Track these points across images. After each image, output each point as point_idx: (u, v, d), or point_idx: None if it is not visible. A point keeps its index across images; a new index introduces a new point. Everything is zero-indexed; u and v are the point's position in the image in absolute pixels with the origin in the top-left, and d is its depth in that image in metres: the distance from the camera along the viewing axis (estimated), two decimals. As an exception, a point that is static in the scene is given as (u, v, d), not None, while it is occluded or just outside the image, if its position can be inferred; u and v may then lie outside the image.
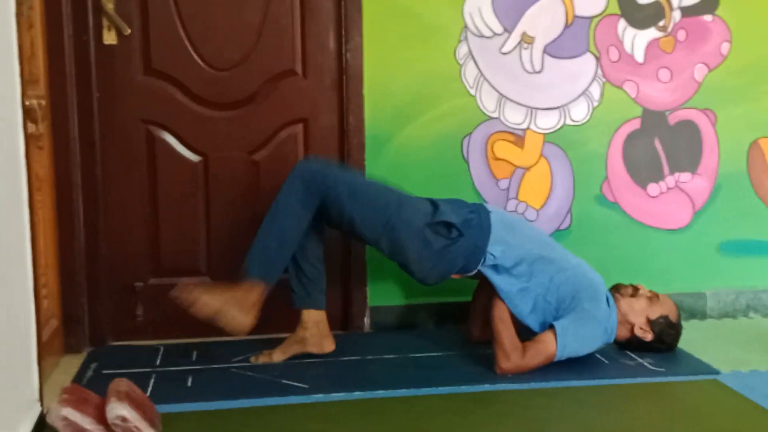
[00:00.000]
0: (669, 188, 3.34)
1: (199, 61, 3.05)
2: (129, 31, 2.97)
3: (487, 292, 2.87)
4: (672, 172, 3.34)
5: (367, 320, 3.20)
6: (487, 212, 2.82)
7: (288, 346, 2.82)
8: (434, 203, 2.82)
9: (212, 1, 3.03)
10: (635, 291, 2.87)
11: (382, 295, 3.21)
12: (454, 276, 2.80)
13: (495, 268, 2.75)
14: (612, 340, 2.85)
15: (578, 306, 2.73)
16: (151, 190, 3.08)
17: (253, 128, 3.11)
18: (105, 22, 2.97)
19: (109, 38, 2.98)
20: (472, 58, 3.17)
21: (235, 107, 3.09)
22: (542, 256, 2.78)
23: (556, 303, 2.75)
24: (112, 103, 3.01)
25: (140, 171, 3.06)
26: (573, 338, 2.70)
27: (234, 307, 2.65)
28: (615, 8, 3.22)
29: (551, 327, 2.72)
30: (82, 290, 3.00)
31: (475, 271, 2.78)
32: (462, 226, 2.74)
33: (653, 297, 2.86)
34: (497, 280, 2.75)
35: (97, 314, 3.04)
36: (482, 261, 2.74)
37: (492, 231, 2.76)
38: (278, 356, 2.81)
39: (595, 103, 3.26)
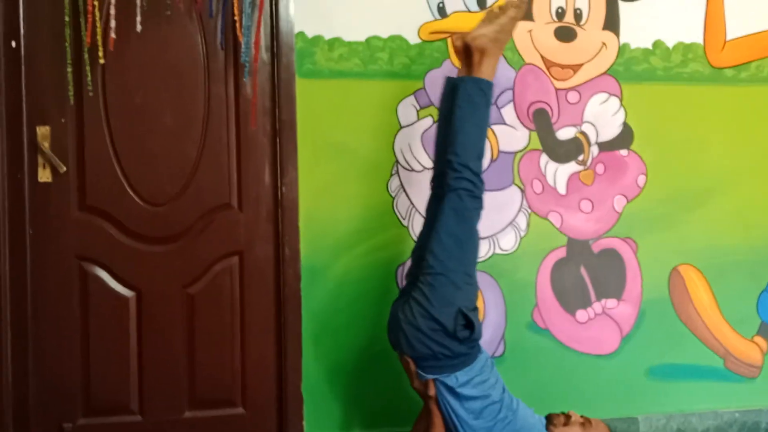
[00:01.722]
0: (597, 314, 3.44)
1: (134, 196, 3.07)
2: (65, 169, 3.00)
3: (425, 424, 2.87)
4: (599, 299, 3.44)
5: (304, 455, 3.15)
6: (480, 347, 2.85)
7: None
8: (476, 308, 2.82)
9: (149, 138, 3.08)
10: (567, 419, 2.89)
11: (320, 428, 3.16)
12: (409, 363, 2.77)
13: (450, 391, 2.75)
14: None
15: None
16: (82, 327, 3.03)
17: (188, 261, 3.11)
18: (40, 160, 3.00)
19: (44, 176, 3.00)
20: (404, 190, 3.28)
21: (170, 241, 3.11)
22: (494, 400, 2.79)
23: None
24: (45, 239, 3.00)
25: (72, 307, 3.02)
26: None
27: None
28: (537, 144, 3.39)
29: None
30: (9, 431, 2.88)
31: (427, 377, 2.75)
32: (470, 338, 2.75)
33: (585, 422, 2.89)
34: (455, 403, 2.75)
35: (21, 458, 2.92)
36: (446, 374, 2.74)
37: (474, 363, 2.79)
38: None
39: (523, 233, 3.38)
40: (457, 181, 2.79)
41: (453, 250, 2.76)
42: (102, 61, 2.97)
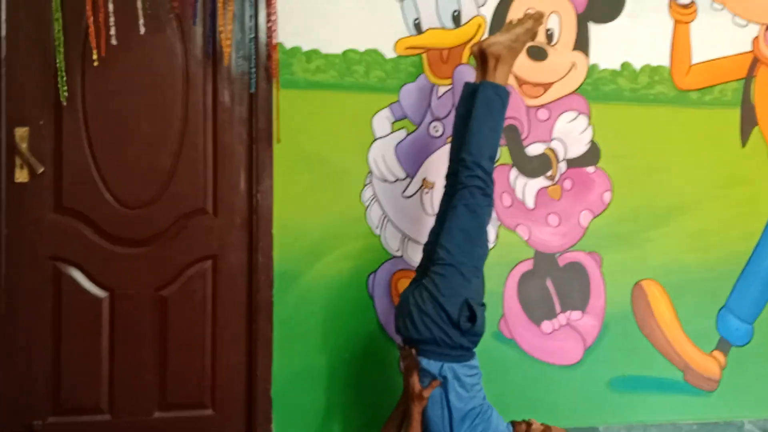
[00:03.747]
0: (561, 326, 3.52)
1: (110, 199, 3.11)
2: (42, 169, 3.03)
3: (396, 425, 2.93)
4: (564, 310, 3.52)
5: (271, 458, 3.19)
6: (475, 353, 2.92)
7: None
8: (484, 305, 2.91)
9: (126, 143, 3.12)
10: (528, 427, 2.94)
11: (288, 431, 3.20)
12: (413, 354, 2.81)
13: (444, 385, 2.79)
14: None
15: None
16: (54, 326, 3.05)
17: (161, 265, 3.15)
18: (18, 161, 3.03)
19: (21, 176, 3.03)
20: (377, 200, 3.35)
21: (145, 244, 3.14)
22: (475, 405, 2.84)
23: None
24: (21, 239, 3.03)
25: (45, 306, 3.05)
26: None
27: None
28: (507, 159, 3.47)
29: None
30: (-24, 430, 2.90)
31: (432, 371, 2.79)
32: (472, 331, 2.82)
33: (545, 430, 2.96)
34: (453, 397, 2.79)
35: (-10, 455, 2.93)
36: (441, 363, 2.79)
37: (470, 361, 2.86)
38: None
39: (491, 245, 3.43)
40: (469, 179, 2.90)
41: (463, 244, 2.86)
42: (96, 63, 3.01)
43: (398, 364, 3.28)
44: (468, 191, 2.90)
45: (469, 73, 3.40)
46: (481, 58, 3.06)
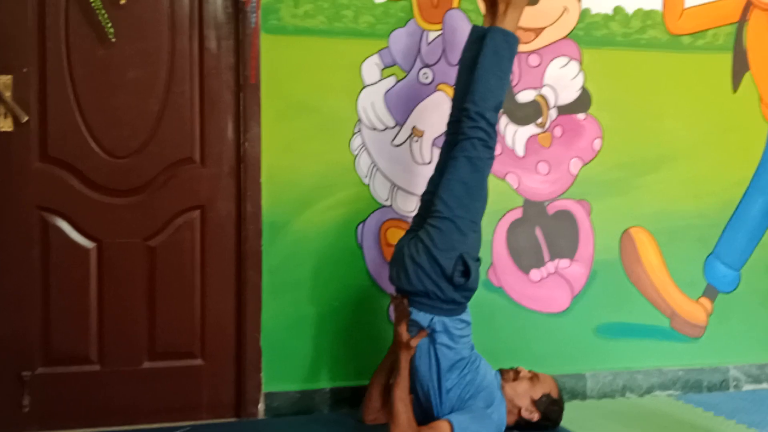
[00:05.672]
0: (549, 274, 3.53)
1: (96, 148, 3.07)
2: (27, 118, 2.99)
3: (386, 374, 2.97)
4: (552, 259, 3.53)
5: (261, 407, 3.21)
6: (467, 306, 2.93)
7: None
8: (479, 260, 2.93)
9: (112, 91, 3.08)
10: (516, 374, 2.99)
11: (277, 380, 3.23)
12: (404, 303, 2.82)
13: (432, 336, 2.81)
14: None
15: (475, 405, 2.82)
16: (42, 277, 3.04)
17: (149, 214, 3.13)
18: (1, 109, 2.98)
19: (5, 125, 2.99)
20: (366, 149, 3.32)
21: (132, 194, 3.12)
22: (463, 356, 2.86)
23: (456, 399, 2.84)
24: (6, 189, 3.00)
25: (32, 257, 3.03)
26: None
27: None
28: (497, 106, 3.45)
29: (447, 420, 2.75)
30: (-34, 379, 2.91)
31: (420, 321, 2.81)
32: (465, 286, 2.82)
33: (533, 377, 3.00)
34: (441, 347, 2.81)
35: (-20, 405, 2.95)
36: (431, 316, 2.80)
37: (462, 315, 2.86)
38: None
39: (481, 194, 3.44)
40: (472, 130, 2.85)
41: (462, 197, 2.83)
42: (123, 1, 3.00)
43: (387, 312, 3.31)
44: (470, 143, 2.85)
45: (459, 18, 3.35)
46: (491, 1, 2.98)
